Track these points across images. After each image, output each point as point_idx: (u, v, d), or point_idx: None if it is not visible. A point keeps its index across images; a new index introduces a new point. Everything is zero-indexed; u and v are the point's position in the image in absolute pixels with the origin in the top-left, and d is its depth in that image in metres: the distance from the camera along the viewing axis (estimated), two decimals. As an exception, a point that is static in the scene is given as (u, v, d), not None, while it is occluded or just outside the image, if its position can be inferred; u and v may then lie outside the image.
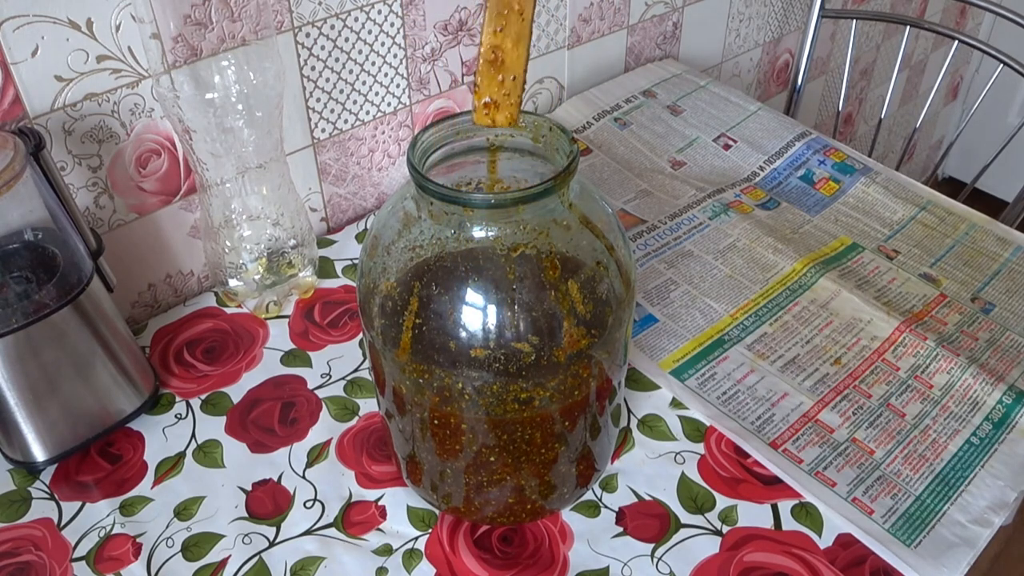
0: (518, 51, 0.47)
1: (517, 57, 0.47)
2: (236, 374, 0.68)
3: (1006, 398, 0.65)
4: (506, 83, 0.48)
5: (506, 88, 0.48)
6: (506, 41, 0.47)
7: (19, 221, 0.56)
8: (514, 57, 0.47)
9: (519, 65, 0.47)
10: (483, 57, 0.47)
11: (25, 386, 0.57)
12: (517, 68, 0.47)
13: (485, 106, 0.48)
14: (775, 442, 0.62)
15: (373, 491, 0.59)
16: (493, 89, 0.48)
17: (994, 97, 1.23)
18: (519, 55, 0.47)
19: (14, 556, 0.55)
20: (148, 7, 0.60)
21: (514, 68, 0.47)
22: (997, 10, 1.10)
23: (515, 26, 0.47)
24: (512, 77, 0.48)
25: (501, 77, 0.48)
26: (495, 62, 0.47)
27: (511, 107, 0.48)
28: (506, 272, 0.47)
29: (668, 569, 0.54)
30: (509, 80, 0.48)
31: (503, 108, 0.48)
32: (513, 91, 0.48)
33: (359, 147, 0.84)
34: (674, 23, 1.10)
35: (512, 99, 0.48)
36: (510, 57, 0.47)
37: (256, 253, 0.71)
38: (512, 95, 0.48)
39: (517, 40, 0.47)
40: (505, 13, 0.46)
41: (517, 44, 0.47)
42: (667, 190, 0.87)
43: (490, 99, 0.48)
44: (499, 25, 0.47)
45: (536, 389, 0.48)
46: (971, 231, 0.83)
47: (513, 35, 0.47)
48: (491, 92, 0.48)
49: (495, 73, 0.48)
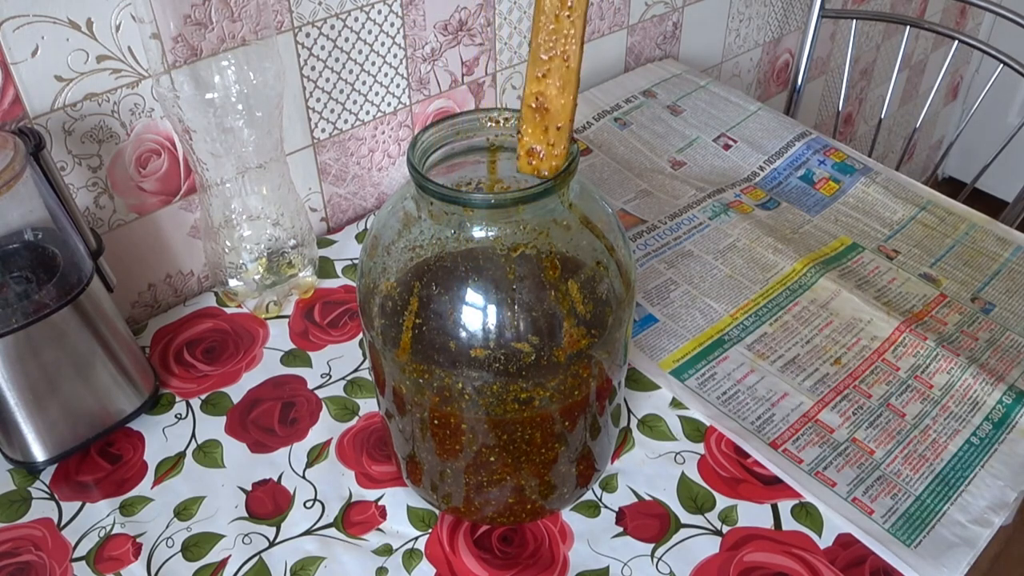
0: (564, 99, 0.44)
1: (563, 105, 0.44)
2: (236, 374, 0.68)
3: (1006, 398, 0.65)
4: (551, 131, 0.45)
5: (551, 137, 0.45)
6: (550, 88, 0.44)
7: (19, 221, 0.56)
8: (559, 105, 0.44)
9: (565, 114, 0.44)
10: (525, 102, 0.45)
11: (25, 386, 0.57)
12: (563, 117, 0.44)
13: (528, 154, 0.46)
14: (775, 442, 0.62)
15: (373, 491, 0.59)
16: (538, 137, 0.45)
17: (994, 97, 1.23)
18: (566, 103, 0.44)
19: (14, 556, 0.55)
20: (148, 7, 0.60)
21: (560, 117, 0.44)
22: (997, 10, 1.10)
23: (559, 72, 0.44)
24: (557, 126, 0.45)
25: (546, 125, 0.45)
26: (539, 109, 0.45)
27: (556, 158, 0.46)
28: (506, 272, 0.47)
29: (668, 569, 0.54)
30: (554, 129, 0.45)
31: (547, 158, 0.46)
32: (559, 141, 0.45)
33: (359, 147, 0.84)
34: (674, 23, 1.10)
35: (557, 150, 0.45)
36: (555, 104, 0.44)
37: (256, 253, 0.71)
38: (557, 145, 0.45)
39: (563, 87, 0.44)
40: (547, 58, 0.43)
41: (563, 91, 0.44)
42: (667, 190, 0.87)
43: (535, 147, 0.46)
44: (542, 70, 0.44)
45: (536, 389, 0.48)
46: (971, 231, 0.83)
47: (559, 82, 0.44)
48: (536, 140, 0.45)
49: (540, 121, 0.45)
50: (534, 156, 0.46)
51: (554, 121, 0.45)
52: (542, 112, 0.45)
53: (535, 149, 0.46)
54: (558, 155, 0.46)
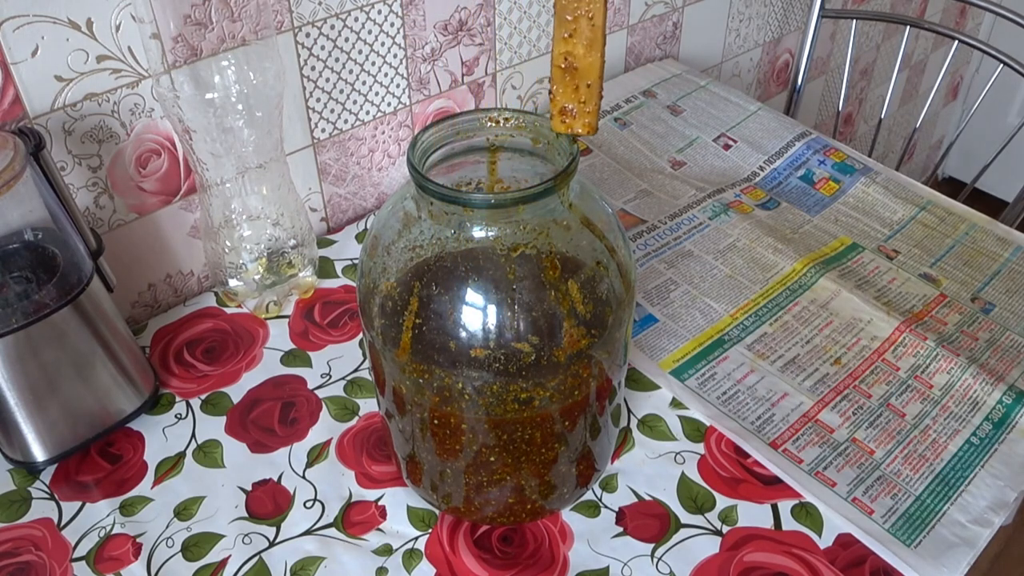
0: (591, 56, 0.45)
1: (591, 63, 0.45)
2: (236, 374, 0.68)
3: (1006, 398, 0.65)
4: (581, 90, 0.46)
5: (582, 95, 0.46)
6: (577, 47, 0.45)
7: (19, 221, 0.56)
8: (587, 63, 0.45)
9: (594, 71, 0.45)
10: (554, 63, 0.46)
11: (25, 386, 0.57)
12: (592, 74, 0.46)
13: (561, 112, 0.47)
14: (775, 442, 0.62)
15: (373, 491, 0.59)
16: (569, 96, 0.46)
17: (994, 97, 1.23)
18: (593, 61, 0.45)
19: (14, 556, 0.55)
20: (148, 7, 0.60)
21: (588, 74, 0.46)
22: (997, 10, 1.10)
23: (586, 32, 0.45)
24: (587, 84, 0.46)
25: (576, 84, 0.46)
26: (568, 68, 0.46)
27: (588, 115, 0.47)
28: (506, 272, 0.47)
29: (668, 569, 0.54)
30: (584, 87, 0.46)
31: (580, 116, 0.47)
32: (589, 98, 0.46)
33: (359, 147, 0.84)
34: (674, 23, 1.10)
35: (589, 107, 0.46)
36: (583, 63, 0.45)
37: (256, 253, 0.71)
38: (589, 103, 0.46)
39: (590, 46, 0.45)
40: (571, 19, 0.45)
41: (590, 50, 0.45)
42: (667, 190, 0.87)
43: (567, 106, 0.46)
44: (568, 31, 0.45)
45: (536, 389, 0.48)
46: (971, 231, 0.83)
47: (585, 40, 0.45)
48: (567, 99, 0.46)
49: (570, 80, 0.46)
50: (567, 115, 0.47)
51: (584, 79, 0.46)
52: (571, 71, 0.46)
53: (567, 108, 0.47)
54: (590, 111, 0.47)
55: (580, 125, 0.47)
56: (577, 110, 0.47)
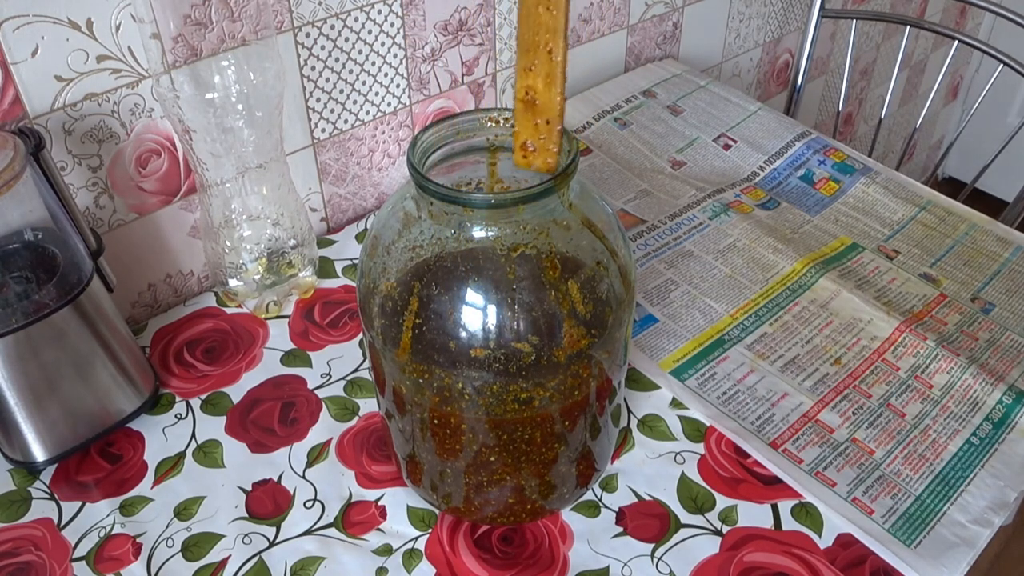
0: (551, 92, 0.43)
1: (550, 99, 0.43)
2: (236, 374, 0.68)
3: (1006, 398, 0.65)
4: (540, 127, 0.44)
5: (541, 131, 0.44)
6: (537, 81, 0.43)
7: (19, 221, 0.56)
8: (546, 98, 0.43)
9: (553, 108, 0.44)
10: (516, 97, 0.44)
11: (25, 386, 0.57)
12: (551, 111, 0.44)
13: (522, 148, 0.46)
14: (775, 442, 0.62)
15: (373, 491, 0.59)
16: (529, 131, 0.45)
17: (994, 97, 1.23)
18: (552, 96, 0.43)
19: (14, 556, 0.55)
20: (148, 7, 0.60)
21: (548, 111, 0.44)
22: (997, 10, 1.10)
23: (545, 66, 0.43)
24: (546, 120, 0.44)
25: (536, 120, 0.44)
26: (528, 103, 0.44)
27: (548, 153, 0.45)
28: (506, 272, 0.47)
29: (668, 569, 0.54)
30: (543, 123, 0.44)
31: (540, 153, 0.45)
32: (549, 136, 0.44)
33: (359, 147, 0.84)
34: (674, 23, 1.10)
35: (549, 144, 0.44)
36: (543, 98, 0.43)
37: (256, 253, 0.71)
38: (548, 139, 0.44)
39: (548, 81, 0.43)
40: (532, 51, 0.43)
41: (549, 85, 0.43)
42: (667, 190, 0.87)
43: (527, 142, 0.45)
44: (529, 63, 0.43)
45: (536, 389, 0.48)
46: (971, 231, 0.83)
47: (543, 75, 0.43)
48: (527, 135, 0.45)
49: (530, 115, 0.44)
50: (526, 151, 0.46)
51: (543, 115, 0.44)
52: (532, 106, 0.44)
53: (527, 144, 0.45)
54: (550, 150, 0.45)
55: (540, 162, 0.46)
56: (537, 147, 0.45)
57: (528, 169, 0.46)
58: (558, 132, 0.44)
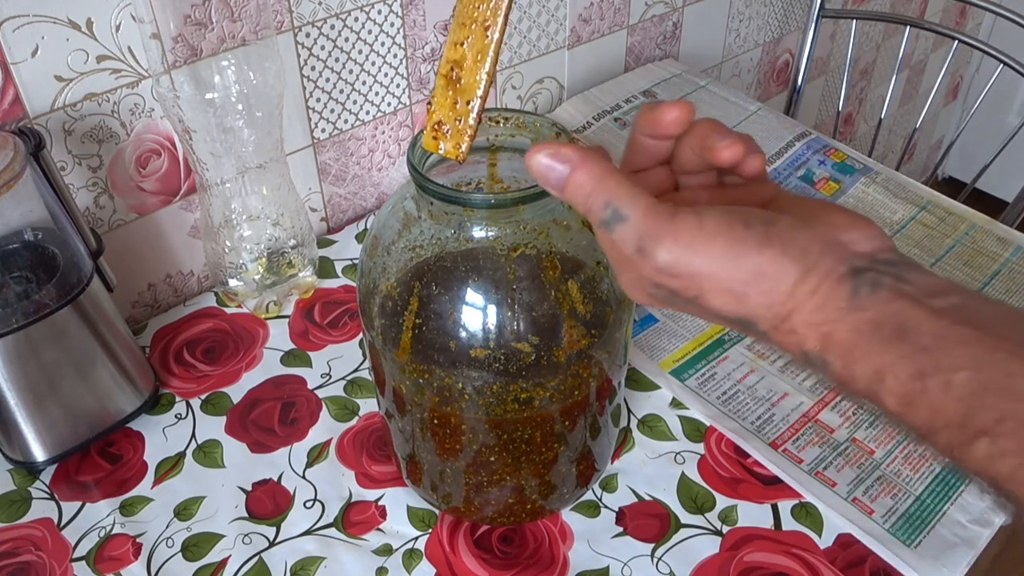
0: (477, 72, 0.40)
1: (474, 79, 0.40)
2: (236, 374, 0.68)
3: (1006, 398, 0.65)
4: (459, 107, 0.40)
5: (459, 114, 0.40)
6: (467, 58, 0.40)
7: (19, 221, 0.56)
8: (472, 79, 0.40)
9: (473, 89, 0.40)
10: (439, 71, 0.40)
11: (25, 386, 0.57)
12: (471, 92, 0.40)
13: (434, 128, 0.41)
14: (775, 442, 0.62)
15: (373, 491, 0.59)
16: (445, 110, 0.41)
17: (994, 97, 1.23)
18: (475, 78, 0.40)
19: (14, 556, 0.55)
20: (148, 7, 0.60)
21: (470, 91, 0.40)
22: (997, 10, 1.10)
23: (478, 42, 0.39)
24: (467, 101, 0.40)
25: (456, 99, 0.40)
26: (452, 80, 0.40)
27: (459, 135, 0.41)
28: (506, 272, 0.47)
29: (668, 569, 0.54)
30: (464, 103, 0.40)
31: (452, 136, 0.41)
32: (465, 118, 0.40)
33: (359, 147, 0.84)
34: (674, 23, 1.10)
35: (462, 126, 0.40)
36: (468, 78, 0.40)
37: (256, 253, 0.71)
38: (463, 122, 0.40)
39: (477, 59, 0.39)
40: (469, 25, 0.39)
41: (477, 64, 0.39)
42: (667, 190, 0.86)
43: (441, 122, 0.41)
44: (462, 38, 0.39)
45: (536, 389, 0.48)
46: (971, 231, 0.83)
47: (474, 52, 0.39)
48: (443, 113, 0.41)
49: (452, 94, 0.40)
50: (439, 132, 0.41)
51: (464, 95, 0.40)
52: (454, 84, 0.40)
53: (441, 124, 0.41)
54: (461, 131, 0.41)
55: (450, 147, 0.41)
56: (451, 129, 0.41)
57: (436, 153, 0.42)
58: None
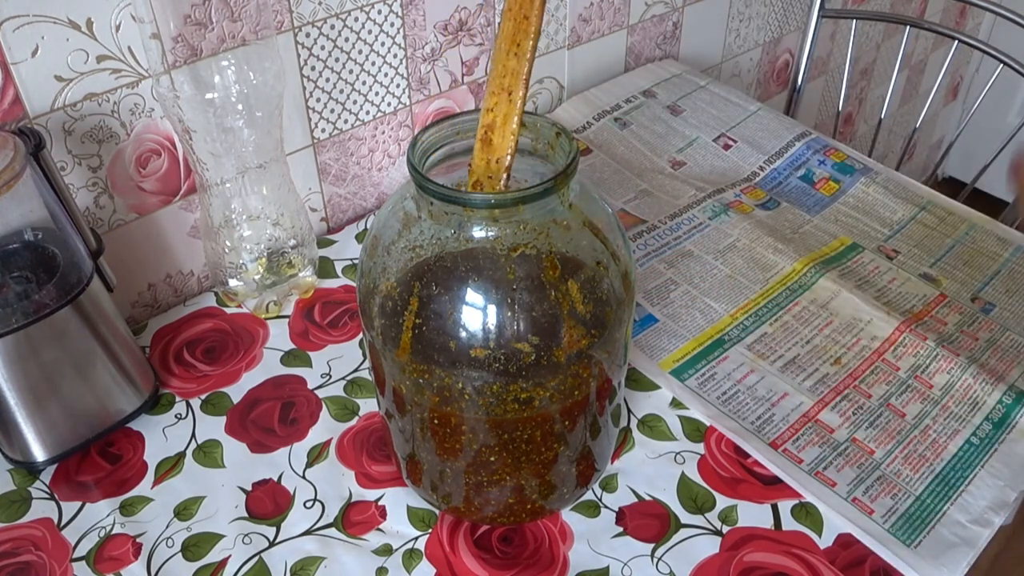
0: (504, 132, 0.47)
1: (502, 139, 0.47)
2: (236, 374, 0.68)
3: (1006, 398, 0.65)
4: (491, 165, 0.48)
5: (491, 170, 0.48)
6: (496, 121, 0.47)
7: (19, 221, 0.56)
8: (499, 139, 0.47)
9: (504, 147, 0.47)
10: (477, 135, 0.48)
11: (25, 386, 0.57)
12: (502, 150, 0.47)
13: (474, 187, 0.49)
14: (775, 442, 0.62)
15: (373, 491, 0.59)
16: (482, 169, 0.48)
17: (994, 97, 1.23)
18: (504, 138, 0.47)
19: (14, 556, 0.55)
20: (148, 7, 0.60)
21: (499, 150, 0.47)
22: (997, 10, 1.10)
23: (503, 107, 0.47)
24: (496, 159, 0.48)
25: (488, 158, 0.48)
26: (485, 141, 0.48)
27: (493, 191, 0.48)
28: (506, 272, 0.47)
29: (668, 569, 0.54)
30: (494, 162, 0.48)
31: (486, 189, 0.48)
32: (497, 173, 0.48)
33: (359, 147, 0.84)
34: (674, 23, 1.10)
35: (494, 181, 0.48)
36: (497, 138, 0.47)
37: (256, 253, 0.71)
38: (495, 178, 0.48)
39: (504, 121, 0.47)
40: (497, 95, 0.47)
41: (503, 125, 0.47)
42: (667, 190, 0.87)
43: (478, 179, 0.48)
44: (492, 104, 0.47)
45: (536, 389, 0.48)
46: (971, 231, 0.83)
47: (502, 115, 0.47)
48: (479, 173, 0.48)
49: (485, 154, 0.48)
50: (478, 189, 0.49)
51: (495, 154, 0.48)
52: (487, 144, 0.48)
53: (479, 182, 0.49)
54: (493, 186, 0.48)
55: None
56: (485, 185, 0.48)
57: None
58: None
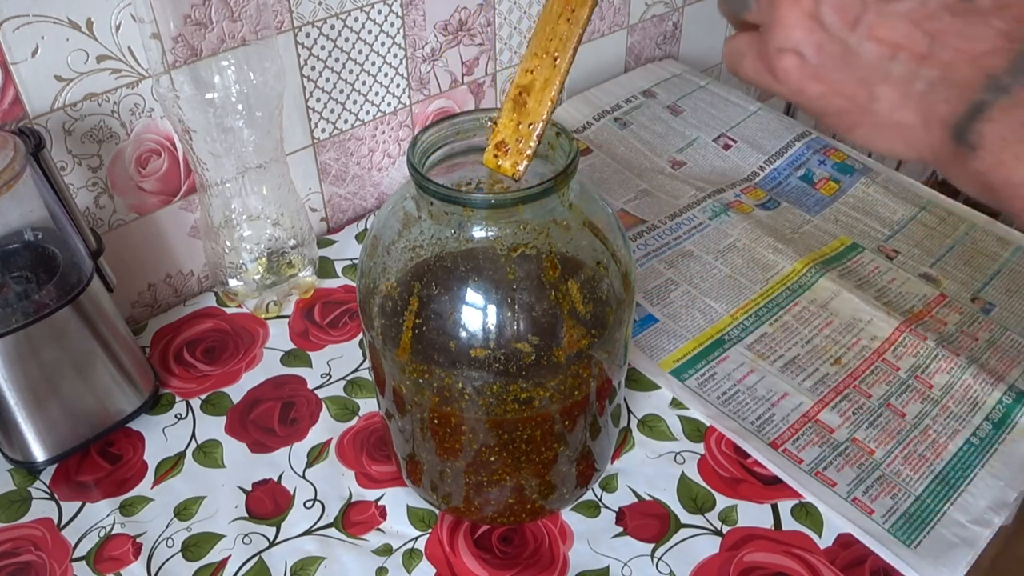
0: (542, 97, 0.44)
1: (539, 104, 0.44)
2: (236, 374, 0.68)
3: (1006, 398, 0.65)
4: (522, 128, 0.45)
5: (520, 134, 0.45)
6: (535, 85, 0.44)
7: (19, 221, 0.56)
8: (536, 103, 0.44)
9: (539, 113, 0.44)
10: (509, 95, 0.45)
11: (25, 386, 0.57)
12: (536, 116, 0.44)
13: (496, 146, 0.45)
14: (775, 442, 0.62)
15: (373, 491, 0.59)
16: (508, 131, 0.45)
17: (994, 97, 1.23)
18: (542, 103, 0.44)
19: (14, 556, 0.55)
20: (148, 7, 0.60)
21: (534, 115, 0.44)
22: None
23: (546, 71, 0.44)
24: (529, 124, 0.45)
25: (519, 121, 0.45)
26: (519, 103, 0.45)
27: (519, 155, 0.45)
28: (506, 272, 0.47)
29: (668, 569, 0.54)
30: (526, 126, 0.45)
31: (512, 154, 0.45)
32: (526, 139, 0.45)
33: (359, 147, 0.84)
34: (674, 23, 1.10)
35: (523, 146, 0.45)
36: (533, 103, 0.44)
37: (256, 253, 0.71)
38: (524, 143, 0.45)
39: (544, 86, 0.44)
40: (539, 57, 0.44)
41: (543, 90, 0.44)
42: (667, 190, 0.87)
43: (503, 140, 0.45)
44: (533, 66, 0.44)
45: (536, 389, 0.48)
46: (971, 231, 0.83)
47: (542, 79, 0.44)
48: (505, 134, 0.45)
49: (516, 115, 0.45)
50: (500, 150, 0.46)
51: (528, 118, 0.45)
52: (521, 107, 0.45)
53: (503, 143, 0.45)
54: (522, 152, 0.45)
55: (509, 164, 0.46)
56: (512, 148, 0.45)
57: (494, 169, 0.46)
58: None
